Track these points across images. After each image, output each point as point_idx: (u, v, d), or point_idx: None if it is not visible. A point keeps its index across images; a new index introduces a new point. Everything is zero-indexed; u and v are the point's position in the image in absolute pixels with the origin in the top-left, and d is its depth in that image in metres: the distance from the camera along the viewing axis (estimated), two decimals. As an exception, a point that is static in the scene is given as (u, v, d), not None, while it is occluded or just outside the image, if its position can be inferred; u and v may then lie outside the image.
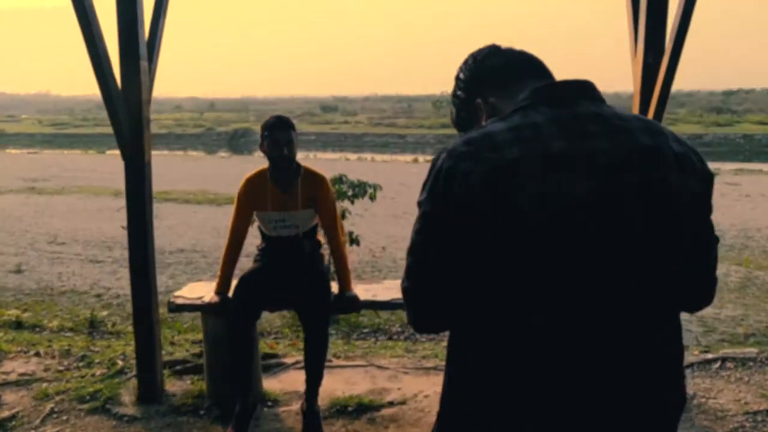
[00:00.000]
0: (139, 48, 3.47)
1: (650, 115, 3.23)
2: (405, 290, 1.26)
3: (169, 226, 11.42)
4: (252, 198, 3.53)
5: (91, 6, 3.23)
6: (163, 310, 4.42)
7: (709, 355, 4.28)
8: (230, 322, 3.43)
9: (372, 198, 6.79)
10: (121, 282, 8.06)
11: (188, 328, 5.77)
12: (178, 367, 4.19)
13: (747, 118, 46.98)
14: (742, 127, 42.27)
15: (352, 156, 32.42)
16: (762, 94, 65.46)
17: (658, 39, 3.30)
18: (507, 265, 1.15)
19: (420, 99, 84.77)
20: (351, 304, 3.55)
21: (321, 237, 3.77)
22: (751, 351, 4.40)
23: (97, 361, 4.42)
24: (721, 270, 9.07)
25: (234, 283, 3.56)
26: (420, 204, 1.22)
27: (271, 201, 3.49)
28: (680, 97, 74.53)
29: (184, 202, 14.91)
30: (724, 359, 4.22)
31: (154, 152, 3.80)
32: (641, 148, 1.20)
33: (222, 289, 3.56)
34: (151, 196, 3.69)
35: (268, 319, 5.96)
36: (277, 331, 5.83)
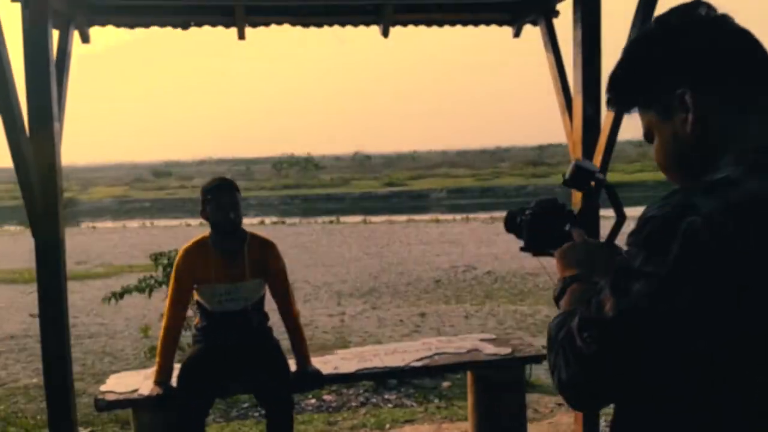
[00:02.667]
0: (52, 108, 3.03)
1: (599, 161, 3.33)
2: (589, 357, 0.99)
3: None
4: (193, 270, 3.17)
5: (8, 65, 2.76)
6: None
7: None
8: (179, 416, 3.00)
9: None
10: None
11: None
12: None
13: (560, 169, 51.49)
14: (558, 178, 46.25)
15: (194, 221, 31.19)
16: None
17: (595, 92, 3.45)
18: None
19: (259, 161, 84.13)
20: (314, 380, 3.26)
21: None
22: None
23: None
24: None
25: (176, 370, 3.14)
26: (649, 270, 0.94)
27: (215, 272, 3.16)
28: (500, 152, 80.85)
29: (10, 282, 13.36)
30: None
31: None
32: None
33: (163, 378, 3.12)
34: (65, 277, 3.19)
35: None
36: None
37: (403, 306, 11.03)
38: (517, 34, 4.45)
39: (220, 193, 3.16)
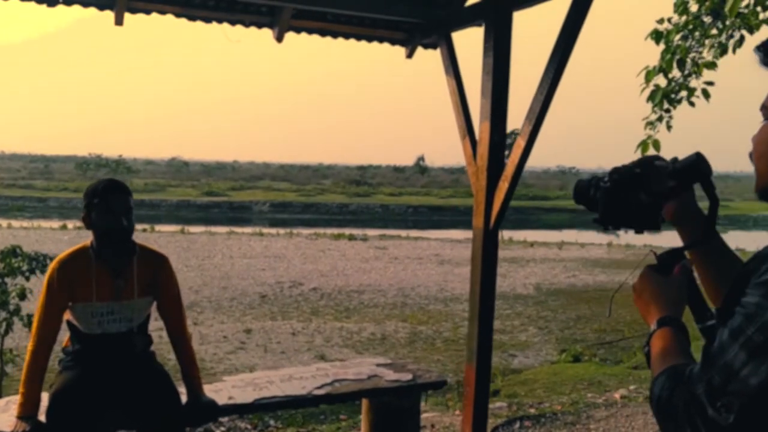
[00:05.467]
0: None
1: (505, 188, 3.37)
2: (725, 429, 0.91)
3: None
4: (69, 286, 2.70)
5: None
6: None
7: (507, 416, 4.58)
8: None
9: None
10: None
11: None
12: None
13: (381, 190, 53.29)
14: (378, 198, 47.90)
15: (-20, 222, 27.84)
16: (389, 170, 75.32)
17: (502, 121, 3.48)
18: None
19: (59, 159, 77.15)
20: (209, 411, 2.91)
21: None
22: (535, 408, 4.83)
23: None
24: (390, 327, 10.25)
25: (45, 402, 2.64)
26: None
27: (97, 289, 2.71)
28: (323, 169, 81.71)
29: None
30: (521, 419, 4.55)
31: None
32: None
33: (30, 411, 2.61)
34: None
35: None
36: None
37: (227, 322, 10.60)
38: (410, 55, 4.44)
39: (111, 196, 2.70)
